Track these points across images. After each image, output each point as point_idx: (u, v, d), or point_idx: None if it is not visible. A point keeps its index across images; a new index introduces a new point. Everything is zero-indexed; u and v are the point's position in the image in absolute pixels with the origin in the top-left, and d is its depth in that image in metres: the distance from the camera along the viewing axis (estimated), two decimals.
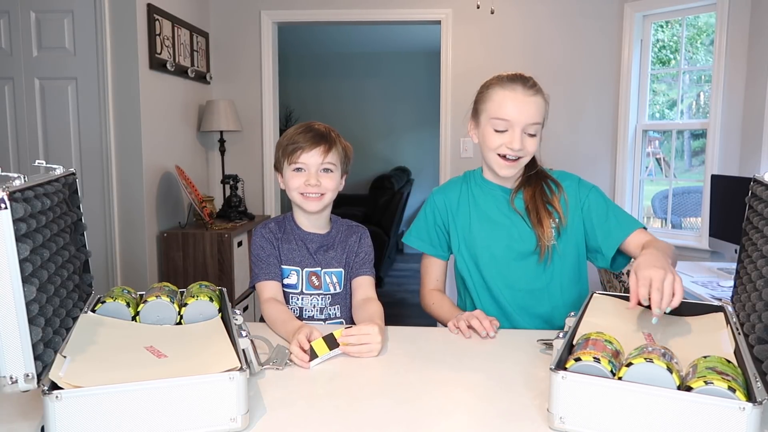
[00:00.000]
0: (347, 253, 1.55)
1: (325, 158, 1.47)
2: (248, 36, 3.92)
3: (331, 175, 1.49)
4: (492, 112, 1.43)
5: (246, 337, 1.06)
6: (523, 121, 1.40)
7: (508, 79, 1.44)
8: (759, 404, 0.80)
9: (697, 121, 3.62)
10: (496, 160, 1.45)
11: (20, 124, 3.01)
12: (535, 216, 1.47)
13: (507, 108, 1.41)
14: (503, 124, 1.41)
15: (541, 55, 3.78)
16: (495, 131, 1.43)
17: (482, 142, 1.48)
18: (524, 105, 1.41)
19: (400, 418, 0.96)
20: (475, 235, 1.52)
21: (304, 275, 1.51)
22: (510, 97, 1.41)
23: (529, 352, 1.25)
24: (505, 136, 1.42)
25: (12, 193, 0.86)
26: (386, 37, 6.01)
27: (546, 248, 1.46)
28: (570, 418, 0.89)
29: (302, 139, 1.47)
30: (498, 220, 1.51)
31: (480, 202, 1.54)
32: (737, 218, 1.22)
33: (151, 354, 1.04)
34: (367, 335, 1.22)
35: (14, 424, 0.93)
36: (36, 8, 2.95)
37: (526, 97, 1.41)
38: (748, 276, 1.11)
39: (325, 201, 1.50)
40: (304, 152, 1.46)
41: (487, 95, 1.46)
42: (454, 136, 3.91)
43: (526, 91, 1.41)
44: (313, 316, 1.51)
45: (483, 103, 1.47)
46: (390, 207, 5.60)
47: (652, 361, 0.87)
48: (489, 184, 1.55)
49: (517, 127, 1.41)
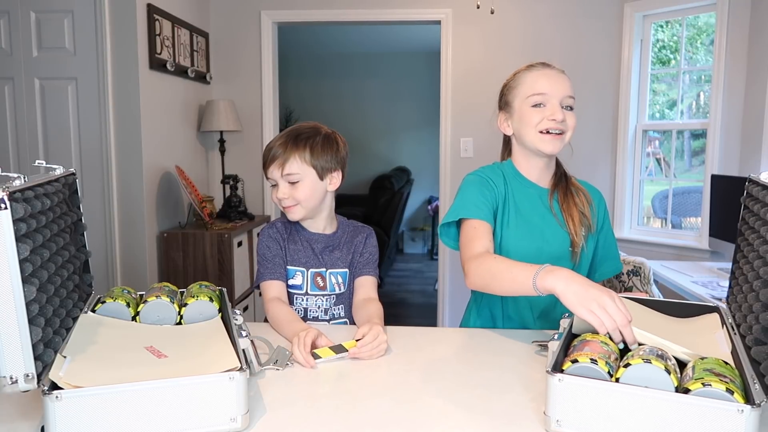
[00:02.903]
0: (353, 254, 1.54)
1: (284, 170, 1.44)
2: (248, 36, 3.92)
3: (298, 186, 1.45)
4: (526, 91, 1.42)
5: (246, 337, 1.06)
6: (560, 93, 1.40)
7: (534, 63, 1.46)
8: (757, 406, 0.79)
9: (697, 121, 3.62)
10: (539, 137, 1.41)
11: (20, 124, 3.01)
12: (570, 218, 1.45)
13: (541, 82, 1.41)
14: (540, 98, 1.40)
15: (541, 55, 3.75)
16: (532, 107, 1.41)
17: (519, 125, 1.44)
18: (557, 78, 1.41)
19: (400, 418, 0.96)
20: (510, 232, 1.43)
21: (309, 276, 1.51)
22: (541, 73, 1.42)
23: (524, 354, 1.25)
24: (545, 111, 1.40)
25: (12, 193, 0.86)
26: (386, 37, 6.01)
27: (577, 253, 1.44)
28: (567, 420, 0.88)
29: (267, 153, 1.48)
30: (532, 220, 1.45)
31: (517, 198, 1.46)
32: (737, 218, 1.22)
33: (151, 354, 1.04)
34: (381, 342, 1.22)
35: (14, 424, 0.93)
36: (36, 8, 2.95)
37: (556, 73, 1.42)
38: (744, 276, 1.11)
39: (302, 211, 1.48)
40: (268, 167, 1.47)
41: (516, 81, 1.46)
42: (454, 136, 3.91)
43: (554, 68, 1.44)
44: (317, 317, 1.51)
45: (513, 90, 1.45)
46: (390, 207, 5.60)
47: (650, 362, 0.87)
48: (525, 180, 1.48)
49: (554, 99, 1.39)
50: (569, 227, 1.44)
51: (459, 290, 3.98)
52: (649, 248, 3.57)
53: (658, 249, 3.55)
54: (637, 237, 3.70)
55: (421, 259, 6.66)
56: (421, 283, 5.58)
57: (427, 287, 5.42)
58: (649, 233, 3.73)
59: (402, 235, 6.96)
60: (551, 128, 1.39)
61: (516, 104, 1.45)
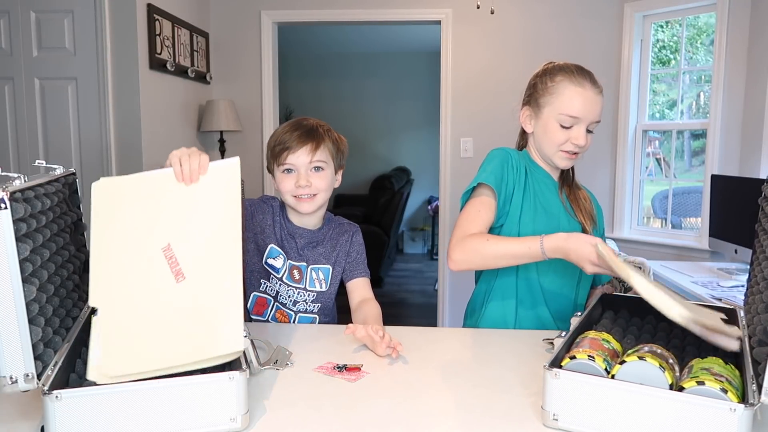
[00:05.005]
0: (338, 252, 1.53)
1: (314, 156, 1.42)
2: (248, 36, 3.92)
3: (321, 174, 1.45)
4: (561, 107, 1.39)
5: (246, 338, 1.06)
6: (590, 118, 1.40)
7: (577, 73, 1.41)
8: (750, 406, 0.79)
9: (697, 121, 3.62)
10: (558, 154, 1.43)
11: (20, 124, 3.01)
12: (579, 210, 1.49)
13: (577, 105, 1.38)
14: (571, 121, 1.39)
15: (541, 55, 3.76)
16: (561, 127, 1.40)
17: (542, 134, 1.44)
18: (593, 103, 1.40)
19: (400, 418, 0.96)
20: (528, 218, 1.43)
21: (287, 266, 1.50)
22: (581, 93, 1.39)
23: (534, 351, 1.25)
24: (570, 132, 1.40)
25: (12, 193, 0.86)
26: (386, 37, 6.01)
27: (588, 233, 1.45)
28: (563, 415, 0.89)
29: (289, 138, 1.43)
30: (548, 209, 1.46)
31: (536, 186, 1.47)
32: (737, 218, 1.22)
33: (167, 267, 1.03)
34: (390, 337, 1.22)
35: (14, 424, 0.93)
36: (36, 8, 2.95)
37: (594, 95, 1.40)
38: (755, 278, 1.11)
39: (318, 201, 1.46)
40: (291, 152, 1.42)
41: (554, 88, 1.41)
42: (454, 136, 3.91)
43: (594, 88, 1.41)
44: (286, 304, 1.50)
45: (548, 96, 1.42)
46: (390, 207, 5.60)
47: (645, 360, 0.87)
48: (541, 169, 1.50)
49: (583, 124, 1.40)
50: (580, 218, 1.48)
51: (459, 290, 3.98)
52: (649, 248, 3.57)
53: (658, 249, 3.55)
54: (637, 237, 3.70)
55: (421, 259, 6.66)
56: (421, 283, 5.59)
57: (427, 287, 5.43)
58: (649, 233, 3.73)
59: (402, 235, 6.97)
60: (571, 150, 1.41)
61: (545, 112, 1.42)
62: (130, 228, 1.07)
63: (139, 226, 1.07)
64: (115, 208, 1.09)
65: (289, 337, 1.35)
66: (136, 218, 1.07)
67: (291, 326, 1.48)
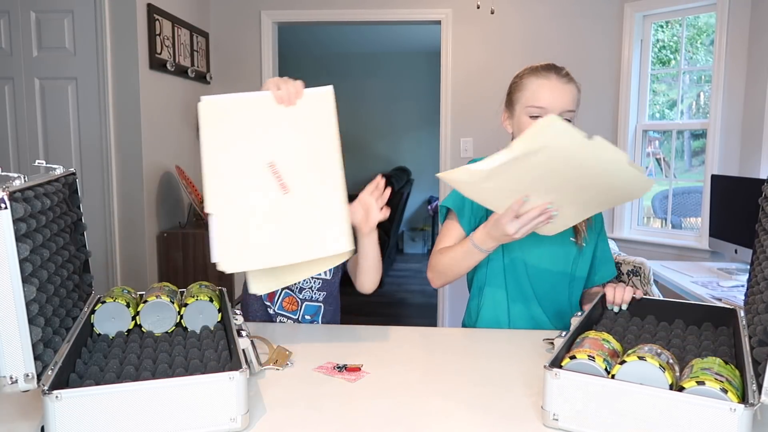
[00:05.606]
0: None
1: None
2: (248, 36, 3.92)
3: None
4: (526, 100, 1.41)
5: (246, 337, 1.06)
6: (558, 107, 1.39)
7: (542, 68, 1.44)
8: (750, 406, 0.79)
9: (697, 121, 3.62)
10: None
11: (20, 124, 3.01)
12: None
13: (542, 95, 1.40)
14: (538, 111, 1.40)
15: (541, 55, 3.76)
16: (530, 118, 1.41)
17: (517, 131, 1.46)
18: (559, 92, 1.40)
19: (400, 418, 0.96)
20: None
21: None
22: (544, 84, 1.40)
23: (534, 351, 1.25)
24: None
25: (12, 193, 0.86)
26: (386, 37, 6.01)
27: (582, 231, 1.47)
28: (563, 415, 0.89)
29: None
30: None
31: None
32: (737, 218, 1.22)
33: (274, 178, 1.18)
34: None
35: (14, 424, 0.93)
36: (36, 8, 2.95)
37: (560, 84, 1.41)
38: (756, 278, 1.11)
39: None
40: None
41: (520, 84, 1.44)
42: (454, 136, 3.91)
43: (560, 78, 1.41)
44: (293, 290, 1.53)
45: (517, 93, 1.45)
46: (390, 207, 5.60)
47: (645, 360, 0.87)
48: None
49: (552, 113, 1.39)
50: None
51: (459, 290, 3.98)
52: (649, 248, 3.57)
53: (658, 249, 3.55)
54: (637, 237, 3.69)
55: (421, 259, 6.65)
56: (421, 283, 5.58)
57: (427, 287, 5.42)
58: (649, 233, 3.73)
59: (402, 235, 6.96)
60: None
61: (517, 109, 1.45)
62: (238, 144, 1.20)
63: (246, 143, 1.20)
64: (223, 124, 1.22)
65: (289, 337, 1.35)
66: (242, 135, 1.21)
67: (291, 326, 1.48)
